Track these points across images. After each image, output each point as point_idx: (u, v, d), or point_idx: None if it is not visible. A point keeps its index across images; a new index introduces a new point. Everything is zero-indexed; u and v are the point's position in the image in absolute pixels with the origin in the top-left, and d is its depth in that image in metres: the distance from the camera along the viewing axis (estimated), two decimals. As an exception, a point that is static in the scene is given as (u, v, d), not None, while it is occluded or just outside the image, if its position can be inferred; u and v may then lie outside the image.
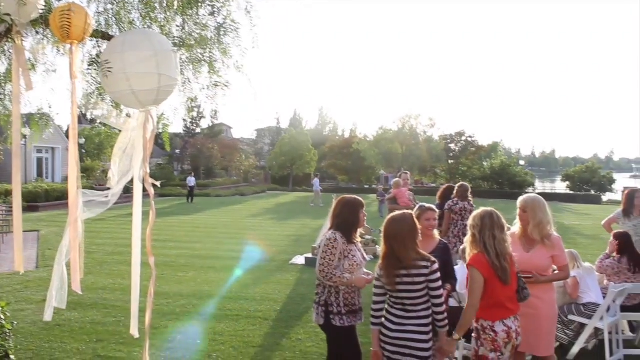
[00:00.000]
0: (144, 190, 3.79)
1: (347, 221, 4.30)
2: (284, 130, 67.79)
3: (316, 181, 35.36)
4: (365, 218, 4.50)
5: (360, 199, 4.44)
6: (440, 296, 3.73)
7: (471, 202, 9.01)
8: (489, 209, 4.13)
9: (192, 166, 53.49)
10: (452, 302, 4.22)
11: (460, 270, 5.36)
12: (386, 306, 3.89)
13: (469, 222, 4.16)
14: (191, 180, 32.88)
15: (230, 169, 58.05)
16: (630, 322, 6.76)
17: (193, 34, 5.10)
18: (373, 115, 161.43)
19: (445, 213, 8.91)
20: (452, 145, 53.69)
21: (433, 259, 3.81)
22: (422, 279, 3.69)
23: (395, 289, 3.74)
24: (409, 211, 4.14)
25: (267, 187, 52.73)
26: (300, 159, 56.05)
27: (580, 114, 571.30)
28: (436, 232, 4.94)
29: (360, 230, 4.42)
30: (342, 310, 4.22)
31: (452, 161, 53.86)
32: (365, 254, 4.48)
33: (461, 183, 9.54)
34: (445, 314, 3.76)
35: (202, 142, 54.15)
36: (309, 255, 11.85)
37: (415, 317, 3.73)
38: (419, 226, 3.98)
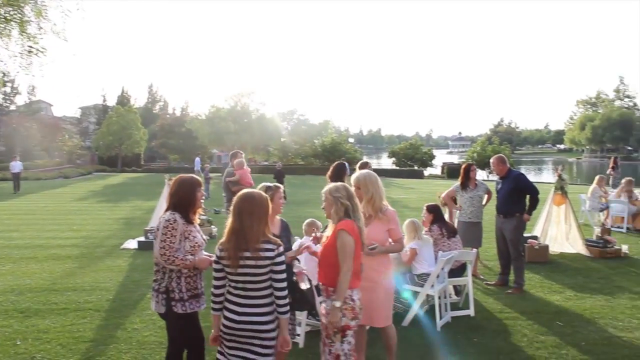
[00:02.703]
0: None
1: (183, 201, 4.11)
2: (110, 108, 64.55)
3: (197, 161, 34.10)
4: (203, 198, 4.32)
5: (197, 177, 4.28)
6: (282, 280, 3.60)
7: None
8: (341, 183, 4.33)
9: (7, 147, 49.04)
10: (305, 285, 4.15)
11: (310, 261, 5.32)
12: (227, 293, 3.67)
13: (333, 192, 4.16)
14: (15, 166, 27.21)
15: (51, 149, 54.12)
16: (455, 286, 7.28)
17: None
18: (205, 93, 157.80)
19: None
20: (285, 124, 54.53)
21: (279, 242, 3.67)
22: (267, 262, 3.53)
23: (236, 271, 3.55)
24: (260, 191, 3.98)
25: (94, 168, 50.74)
26: (129, 139, 54.30)
27: (403, 94, 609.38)
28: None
29: (199, 211, 4.24)
30: (184, 295, 4.01)
31: (285, 139, 54.68)
32: (203, 235, 4.30)
33: (362, 161, 9.55)
34: (287, 300, 3.62)
35: (17, 120, 50.09)
36: (142, 238, 11.39)
37: (258, 303, 3.55)
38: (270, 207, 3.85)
